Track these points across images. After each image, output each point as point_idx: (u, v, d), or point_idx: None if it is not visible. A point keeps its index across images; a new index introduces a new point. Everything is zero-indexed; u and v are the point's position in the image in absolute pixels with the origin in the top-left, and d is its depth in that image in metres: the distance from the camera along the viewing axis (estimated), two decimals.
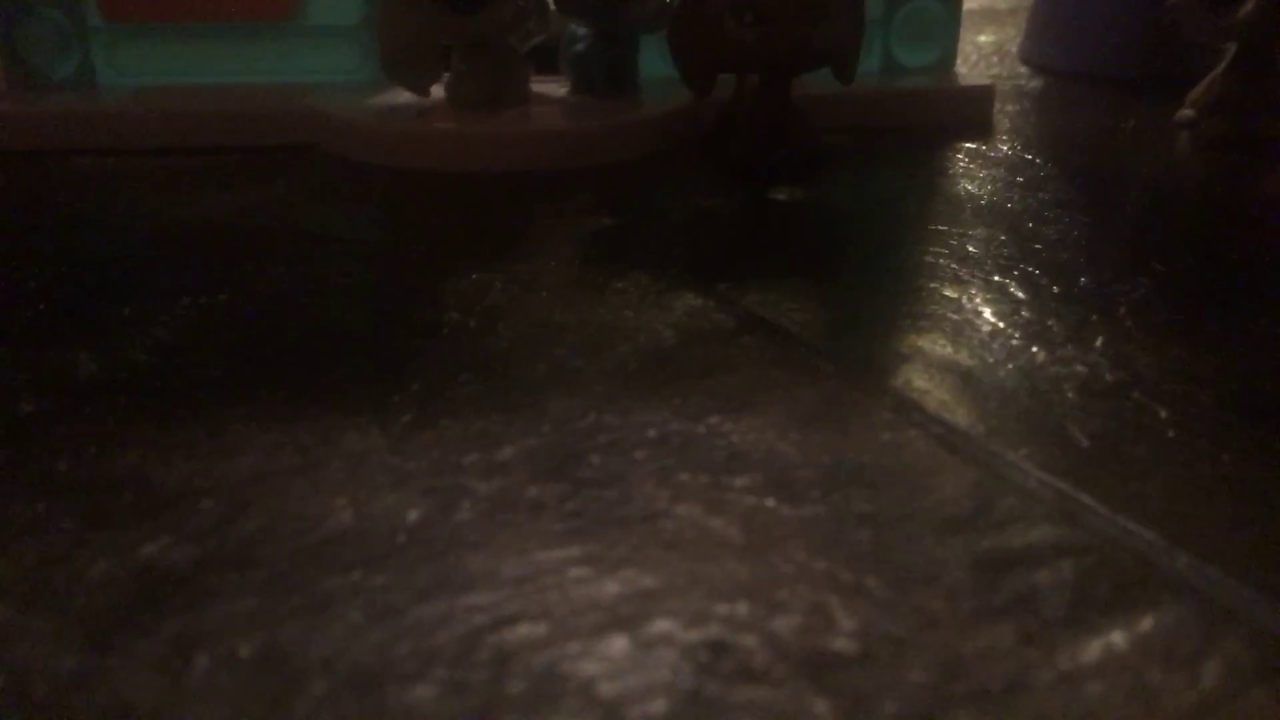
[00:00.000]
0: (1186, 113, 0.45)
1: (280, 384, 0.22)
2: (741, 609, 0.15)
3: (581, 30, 0.44)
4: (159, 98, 0.44)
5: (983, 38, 0.78)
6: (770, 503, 0.18)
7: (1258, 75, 0.42)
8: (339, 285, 0.28)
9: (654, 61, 0.47)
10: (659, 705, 0.14)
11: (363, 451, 0.19)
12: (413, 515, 0.18)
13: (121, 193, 0.37)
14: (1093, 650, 0.15)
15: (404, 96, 0.43)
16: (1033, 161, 0.40)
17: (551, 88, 0.46)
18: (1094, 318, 0.26)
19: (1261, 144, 0.43)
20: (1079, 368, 0.23)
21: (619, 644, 0.15)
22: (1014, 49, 0.68)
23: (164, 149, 0.42)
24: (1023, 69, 0.63)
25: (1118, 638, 0.15)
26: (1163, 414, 0.21)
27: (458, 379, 0.22)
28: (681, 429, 0.20)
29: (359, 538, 0.17)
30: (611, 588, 0.16)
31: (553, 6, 0.43)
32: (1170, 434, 0.20)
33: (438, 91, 0.43)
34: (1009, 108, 0.51)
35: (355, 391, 0.22)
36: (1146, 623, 0.15)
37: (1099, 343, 0.24)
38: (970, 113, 0.47)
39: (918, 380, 0.22)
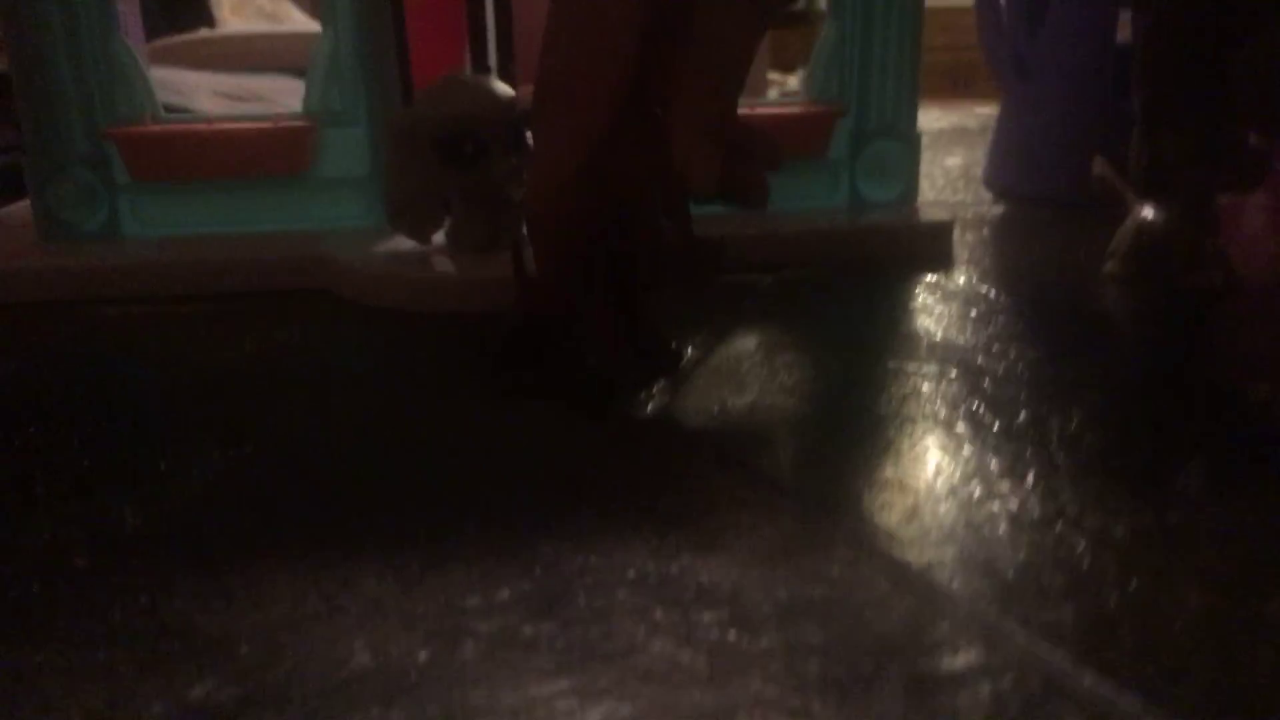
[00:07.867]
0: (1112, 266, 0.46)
1: (303, 531, 0.25)
2: None
3: None
4: (181, 248, 0.48)
5: (951, 160, 0.83)
6: (732, 636, 0.21)
7: (1178, 230, 0.44)
8: (351, 433, 0.31)
9: None
10: None
11: (378, 596, 0.22)
12: (423, 655, 0.20)
13: (150, 341, 0.40)
14: None
15: (408, 243, 0.46)
16: (986, 295, 0.44)
17: None
18: (1029, 452, 0.29)
19: (1186, 293, 0.44)
20: (1012, 503, 0.26)
21: None
22: (979, 172, 0.72)
23: (187, 296, 0.46)
24: (986, 193, 0.68)
25: None
26: (1080, 545, 0.24)
27: (460, 522, 0.25)
28: (657, 569, 0.23)
29: (377, 677, 0.20)
30: (594, 718, 0.19)
31: None
32: (1085, 564, 0.23)
33: (439, 239, 0.47)
34: (969, 236, 0.55)
35: (370, 537, 0.25)
36: None
37: (1030, 478, 0.27)
38: (931, 246, 0.50)
39: (866, 518, 0.25)
